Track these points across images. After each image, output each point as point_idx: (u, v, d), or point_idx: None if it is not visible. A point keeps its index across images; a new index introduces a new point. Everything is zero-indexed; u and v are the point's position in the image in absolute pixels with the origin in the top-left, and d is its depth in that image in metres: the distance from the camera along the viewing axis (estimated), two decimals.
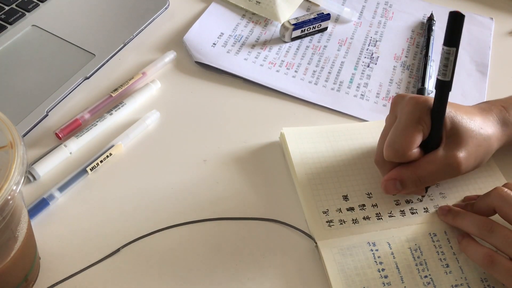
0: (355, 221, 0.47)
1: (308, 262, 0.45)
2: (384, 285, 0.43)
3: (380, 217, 0.48)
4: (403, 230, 0.47)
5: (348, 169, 0.51)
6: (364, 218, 0.47)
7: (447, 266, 0.44)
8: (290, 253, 0.45)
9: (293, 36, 0.63)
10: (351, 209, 0.48)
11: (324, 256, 0.44)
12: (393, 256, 0.45)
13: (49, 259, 0.43)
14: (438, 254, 0.45)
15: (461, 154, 0.44)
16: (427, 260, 0.45)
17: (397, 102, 0.47)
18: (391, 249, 0.45)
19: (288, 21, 0.63)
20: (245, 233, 0.46)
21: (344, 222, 0.47)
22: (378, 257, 0.45)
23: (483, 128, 0.46)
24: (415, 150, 0.45)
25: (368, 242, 0.46)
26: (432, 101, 0.45)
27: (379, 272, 0.44)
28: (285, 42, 0.64)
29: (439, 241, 0.46)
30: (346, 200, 0.48)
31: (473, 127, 0.46)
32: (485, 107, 0.49)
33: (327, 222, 0.47)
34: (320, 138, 0.53)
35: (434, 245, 0.46)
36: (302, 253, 0.45)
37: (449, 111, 0.45)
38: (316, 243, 0.45)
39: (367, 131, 0.54)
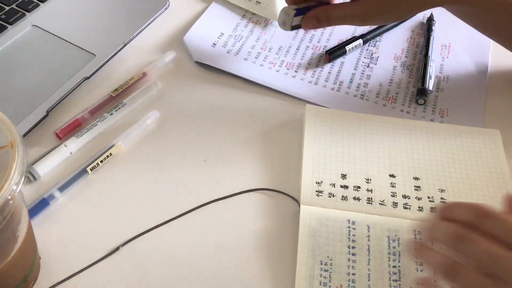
0: (344, 198, 0.48)
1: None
2: (349, 261, 0.44)
3: (370, 202, 0.48)
4: (388, 220, 0.47)
5: (357, 155, 0.51)
6: (354, 198, 0.48)
7: (421, 264, 0.44)
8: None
9: (293, 23, 0.55)
10: (345, 187, 0.49)
11: (301, 219, 0.46)
12: (368, 239, 0.45)
13: (49, 259, 0.43)
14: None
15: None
16: (402, 252, 0.45)
17: None
18: (368, 231, 0.46)
19: (289, 6, 0.55)
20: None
21: (333, 196, 0.48)
22: (353, 235, 0.46)
23: None
24: None
25: (349, 220, 0.46)
26: None
27: (349, 248, 0.45)
28: (285, 30, 0.56)
29: (421, 240, 0.46)
30: (343, 179, 0.50)
31: None
32: None
33: (316, 191, 0.48)
34: (339, 121, 0.54)
35: (415, 242, 0.46)
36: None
37: None
38: (300, 206, 0.47)
39: (388, 125, 0.54)
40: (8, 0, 0.61)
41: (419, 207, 0.48)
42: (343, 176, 0.50)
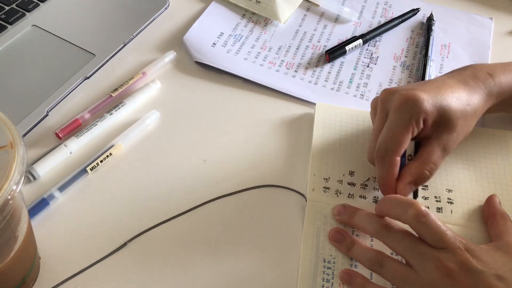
0: (351, 195, 0.48)
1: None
2: (352, 260, 0.44)
3: (376, 200, 0.48)
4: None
5: (365, 152, 0.51)
6: (360, 197, 0.48)
7: None
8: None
9: None
10: (352, 184, 0.49)
11: (307, 215, 0.46)
12: (372, 239, 0.46)
13: (49, 259, 0.43)
14: None
15: (452, 138, 0.46)
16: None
17: (386, 98, 0.47)
18: None
19: None
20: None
21: (340, 193, 0.48)
22: (357, 235, 0.46)
23: (470, 104, 0.47)
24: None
25: None
26: (423, 97, 0.45)
27: None
28: None
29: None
30: (351, 176, 0.50)
31: (460, 107, 0.46)
32: (471, 76, 0.49)
33: (324, 187, 0.48)
34: (349, 119, 0.54)
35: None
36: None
37: (431, 98, 0.45)
38: (306, 202, 0.47)
39: None
40: (8, 0, 0.61)
41: (425, 207, 0.48)
42: (351, 173, 0.50)
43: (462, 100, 0.46)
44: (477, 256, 0.40)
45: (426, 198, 0.49)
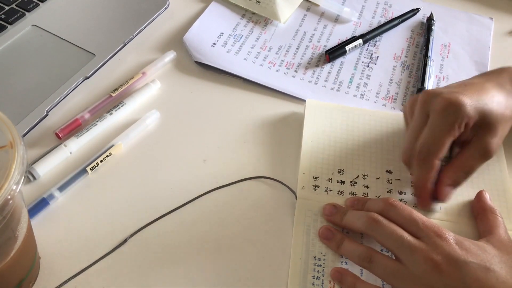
0: (340, 193, 0.49)
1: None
2: (342, 257, 0.44)
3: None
4: None
5: (355, 150, 0.52)
6: (350, 193, 0.49)
7: None
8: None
9: None
10: (341, 182, 0.49)
11: (297, 214, 0.47)
12: (362, 235, 0.46)
13: (49, 259, 0.43)
14: None
15: (495, 141, 0.46)
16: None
17: (428, 100, 0.47)
18: None
19: None
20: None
21: (329, 190, 0.49)
22: (347, 232, 0.46)
23: (508, 107, 0.47)
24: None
25: None
26: (465, 101, 0.45)
27: None
28: None
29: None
30: (340, 174, 0.50)
31: (500, 111, 0.46)
32: (508, 80, 0.49)
33: (313, 186, 0.49)
34: (339, 116, 0.54)
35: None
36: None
37: (473, 102, 0.45)
38: (296, 199, 0.48)
39: (388, 121, 0.55)
40: (8, 0, 0.61)
41: (415, 204, 0.48)
42: (340, 171, 0.50)
43: (501, 104, 0.47)
44: (466, 248, 0.40)
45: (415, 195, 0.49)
